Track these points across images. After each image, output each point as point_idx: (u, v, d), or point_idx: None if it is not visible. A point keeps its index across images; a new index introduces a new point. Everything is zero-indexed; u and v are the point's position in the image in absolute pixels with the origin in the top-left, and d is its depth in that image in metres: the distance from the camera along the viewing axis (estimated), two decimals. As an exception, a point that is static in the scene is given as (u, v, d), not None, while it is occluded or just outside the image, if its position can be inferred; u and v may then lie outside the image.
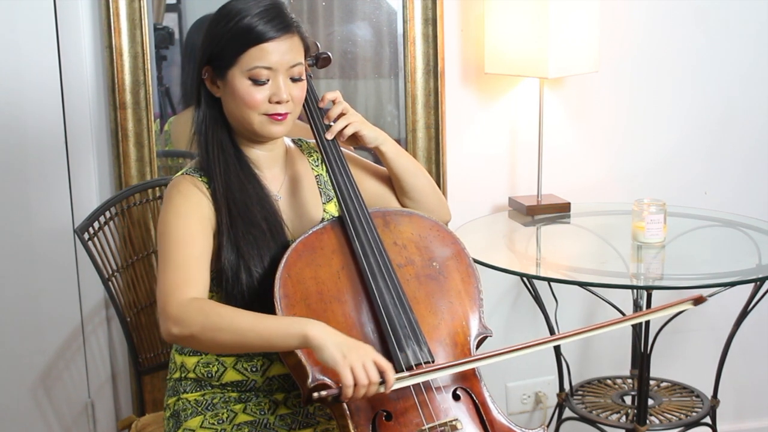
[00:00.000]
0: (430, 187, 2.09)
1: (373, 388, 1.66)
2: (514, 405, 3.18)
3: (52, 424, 2.79)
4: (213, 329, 1.68)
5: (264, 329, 1.68)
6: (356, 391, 1.65)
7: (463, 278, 1.93)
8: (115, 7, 2.59)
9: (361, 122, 1.99)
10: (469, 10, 2.89)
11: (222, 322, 1.68)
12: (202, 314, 1.69)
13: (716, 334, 3.06)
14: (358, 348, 1.66)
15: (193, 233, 1.81)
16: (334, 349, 1.64)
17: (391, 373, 1.68)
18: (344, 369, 1.63)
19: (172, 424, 1.96)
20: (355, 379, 1.64)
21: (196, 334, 1.69)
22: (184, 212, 1.83)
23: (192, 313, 1.70)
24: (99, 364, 2.79)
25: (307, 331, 1.65)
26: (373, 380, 1.65)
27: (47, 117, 2.64)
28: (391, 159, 2.03)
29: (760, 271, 2.51)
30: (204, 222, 1.84)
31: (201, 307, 1.71)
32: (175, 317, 1.70)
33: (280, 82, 1.84)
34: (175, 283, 1.74)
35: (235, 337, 1.68)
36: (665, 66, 3.09)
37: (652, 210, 2.62)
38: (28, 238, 2.68)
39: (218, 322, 1.68)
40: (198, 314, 1.69)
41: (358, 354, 1.65)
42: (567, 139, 3.06)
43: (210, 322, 1.68)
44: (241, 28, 1.82)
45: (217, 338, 1.69)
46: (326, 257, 1.86)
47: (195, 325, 1.69)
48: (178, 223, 1.82)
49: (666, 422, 2.77)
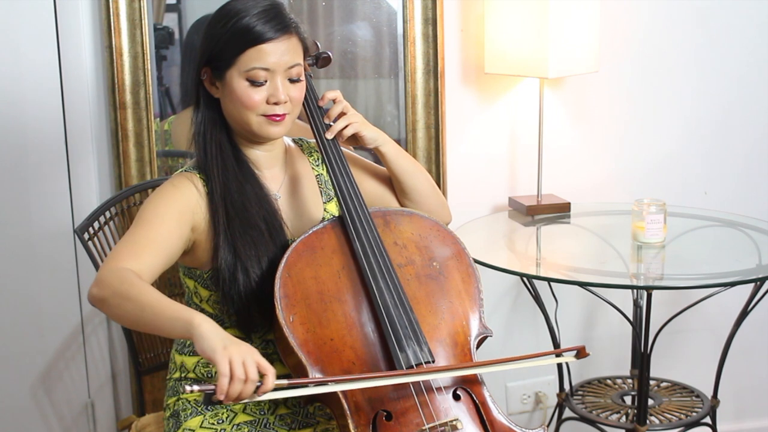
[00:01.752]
0: (430, 188, 2.08)
1: (249, 386, 1.59)
2: (514, 405, 3.18)
3: (52, 424, 2.79)
4: (121, 296, 1.68)
5: (159, 309, 1.65)
6: (231, 386, 1.57)
7: (463, 278, 1.93)
8: (115, 7, 2.59)
9: (362, 122, 1.99)
10: (469, 10, 2.89)
11: (131, 291, 1.67)
12: (118, 280, 1.69)
13: (716, 334, 3.06)
14: (241, 345, 1.60)
15: (163, 218, 1.81)
16: (217, 340, 1.59)
17: (272, 377, 1.60)
18: (222, 359, 1.57)
19: (172, 424, 1.96)
20: (231, 372, 1.56)
21: (107, 298, 1.70)
22: (166, 199, 1.85)
23: (112, 278, 1.70)
24: (99, 364, 2.79)
25: (193, 319, 1.61)
26: (251, 377, 1.57)
27: (47, 117, 2.64)
28: (391, 160, 2.03)
29: (760, 271, 2.51)
30: (183, 214, 1.84)
31: (122, 275, 1.70)
32: (99, 279, 1.72)
33: (278, 83, 1.84)
34: (122, 254, 1.76)
35: (135, 310, 1.67)
36: (665, 66, 3.09)
37: (652, 210, 2.62)
38: (28, 239, 2.68)
39: (128, 291, 1.67)
40: (116, 280, 1.70)
41: (240, 350, 1.59)
42: (567, 139, 3.06)
43: (122, 289, 1.68)
44: (239, 28, 1.82)
45: (121, 306, 1.68)
46: (326, 257, 1.86)
47: (109, 288, 1.69)
48: (156, 205, 1.84)
49: (666, 422, 2.77)
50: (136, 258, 1.75)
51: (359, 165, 2.08)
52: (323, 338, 1.79)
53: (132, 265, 1.74)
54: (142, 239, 1.78)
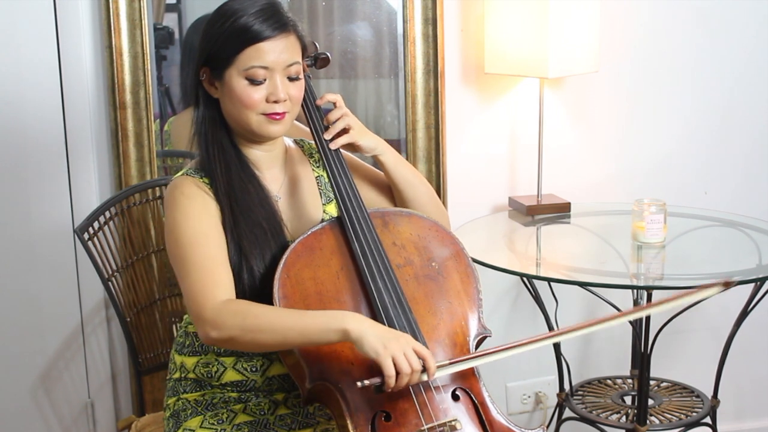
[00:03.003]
0: (429, 197, 2.06)
1: (415, 376, 1.68)
2: (514, 405, 3.18)
3: (52, 424, 2.80)
4: (253, 331, 1.70)
5: (304, 327, 1.69)
6: (399, 380, 1.67)
7: (462, 278, 1.93)
8: (115, 7, 2.59)
9: (359, 131, 1.97)
10: (469, 10, 2.89)
11: (260, 323, 1.70)
12: (239, 317, 1.71)
13: (716, 334, 3.06)
14: (398, 338, 1.68)
15: (206, 232, 1.81)
16: (375, 340, 1.66)
17: (432, 360, 1.69)
18: (386, 360, 1.65)
19: (172, 424, 1.96)
20: (397, 368, 1.65)
21: (236, 337, 1.71)
22: (192, 214, 1.83)
23: (229, 317, 1.71)
24: (99, 364, 2.79)
25: (345, 325, 1.67)
26: (416, 368, 1.67)
27: (47, 117, 2.64)
28: (390, 169, 2.02)
29: (760, 271, 2.51)
30: (213, 221, 1.84)
31: (237, 310, 1.72)
32: (213, 322, 1.72)
33: (277, 81, 1.84)
34: (203, 286, 1.75)
35: (275, 337, 1.70)
36: (665, 66, 3.08)
37: (652, 210, 2.62)
38: (28, 239, 2.68)
39: (257, 324, 1.70)
40: (235, 317, 1.71)
41: (399, 343, 1.67)
42: (567, 139, 3.06)
43: (248, 323, 1.70)
44: (237, 27, 1.82)
45: (257, 339, 1.71)
46: (325, 258, 1.86)
47: (234, 328, 1.70)
48: (189, 225, 1.82)
49: (666, 422, 2.77)
50: (219, 284, 1.76)
51: (359, 172, 2.07)
52: (322, 339, 1.79)
53: (222, 292, 1.75)
54: (205, 263, 1.78)
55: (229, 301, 1.74)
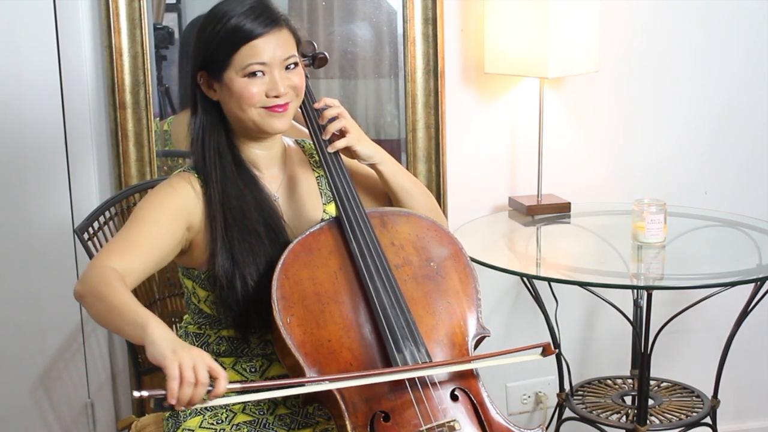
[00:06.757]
0: (428, 207, 2.05)
1: (200, 389, 1.56)
2: (514, 405, 3.18)
3: (52, 424, 2.80)
4: (96, 296, 1.68)
5: (124, 312, 1.64)
6: (181, 390, 1.55)
7: (460, 278, 1.93)
8: (115, 7, 2.59)
9: (357, 137, 1.96)
10: (469, 10, 2.89)
11: (105, 291, 1.67)
12: (98, 279, 1.70)
13: (716, 334, 3.05)
14: (192, 350, 1.59)
15: (157, 218, 1.82)
16: (166, 345, 1.57)
17: (224, 381, 1.58)
18: (172, 363, 1.55)
19: (172, 424, 1.96)
20: (181, 375, 1.55)
21: (86, 295, 1.71)
22: (161, 199, 1.85)
23: (93, 276, 1.71)
24: (99, 364, 2.79)
25: (147, 325, 1.60)
26: (201, 380, 1.55)
27: (47, 117, 2.64)
28: (388, 179, 2.01)
29: (760, 271, 2.51)
30: (177, 214, 1.84)
31: (103, 274, 1.71)
32: (83, 276, 1.73)
33: (276, 76, 1.84)
34: (110, 252, 1.76)
35: (104, 311, 1.67)
36: (665, 66, 3.08)
37: (652, 210, 2.62)
38: (28, 238, 2.68)
39: (102, 291, 1.68)
40: (96, 278, 1.70)
41: (191, 354, 1.57)
42: (567, 139, 3.05)
43: (98, 288, 1.68)
44: (229, 29, 1.82)
45: (94, 305, 1.69)
46: (323, 258, 1.86)
47: (89, 286, 1.70)
48: (150, 205, 1.85)
49: (666, 422, 2.77)
50: (124, 257, 1.76)
51: (359, 177, 2.06)
52: (321, 339, 1.79)
53: (118, 264, 1.74)
54: (134, 238, 1.79)
55: (111, 268, 1.72)
